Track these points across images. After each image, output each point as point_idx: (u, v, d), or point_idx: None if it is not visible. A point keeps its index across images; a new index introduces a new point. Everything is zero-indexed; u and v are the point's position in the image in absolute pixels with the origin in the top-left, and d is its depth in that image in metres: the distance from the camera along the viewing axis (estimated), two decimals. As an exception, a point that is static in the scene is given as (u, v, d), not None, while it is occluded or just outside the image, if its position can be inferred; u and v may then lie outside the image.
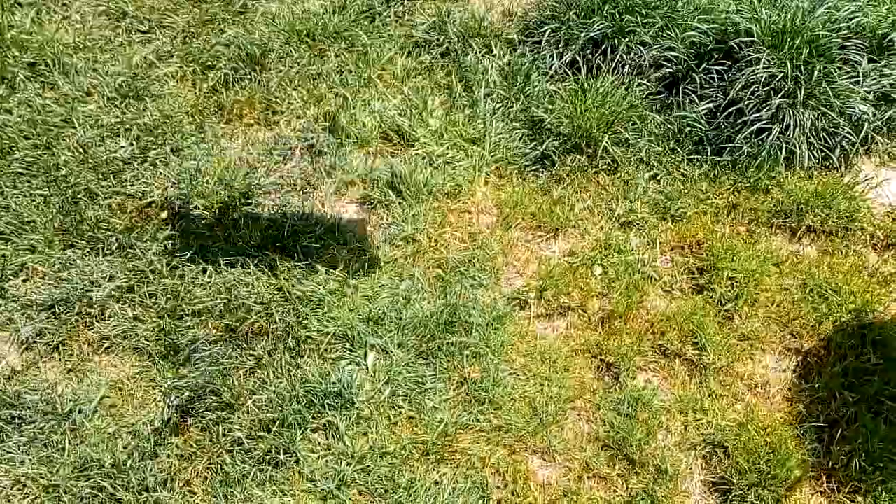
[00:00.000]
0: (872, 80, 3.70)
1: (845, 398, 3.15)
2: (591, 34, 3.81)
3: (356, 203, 3.57)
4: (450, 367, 3.17)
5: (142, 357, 3.15)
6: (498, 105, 3.81)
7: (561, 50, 3.86)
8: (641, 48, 3.77)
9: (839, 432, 3.09)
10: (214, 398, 3.03)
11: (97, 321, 3.20)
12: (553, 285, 3.37)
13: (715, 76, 3.71)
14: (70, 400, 3.03)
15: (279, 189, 3.57)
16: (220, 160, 3.61)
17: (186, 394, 3.04)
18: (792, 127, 3.62)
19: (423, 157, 3.67)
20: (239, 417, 3.01)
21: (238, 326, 3.19)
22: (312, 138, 3.69)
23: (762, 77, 3.60)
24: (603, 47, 3.81)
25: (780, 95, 3.60)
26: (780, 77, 3.60)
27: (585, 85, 3.77)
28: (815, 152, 3.67)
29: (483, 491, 2.96)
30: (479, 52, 3.96)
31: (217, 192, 3.50)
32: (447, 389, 3.13)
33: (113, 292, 3.25)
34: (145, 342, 3.17)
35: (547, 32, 3.90)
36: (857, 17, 3.72)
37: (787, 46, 3.61)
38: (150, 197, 3.50)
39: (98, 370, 3.13)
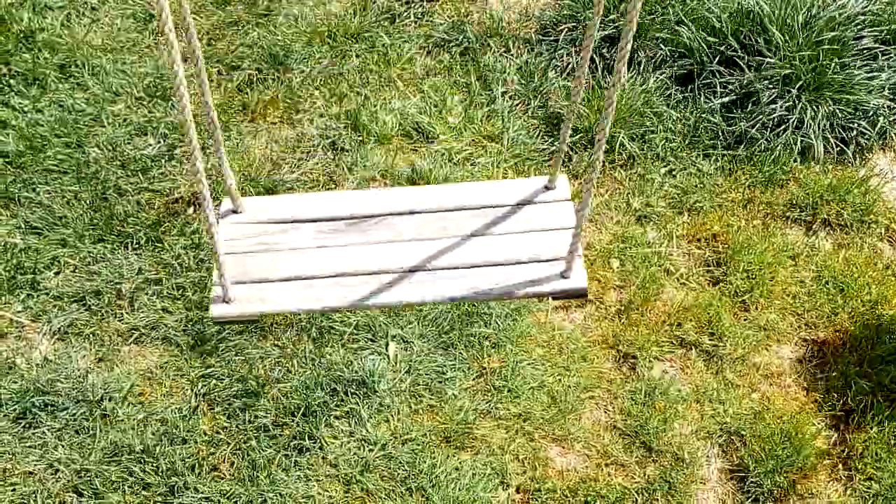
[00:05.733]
0: (887, 74, 3.74)
1: (861, 386, 3.19)
2: (607, 31, 3.88)
3: (377, 198, 3.65)
4: (469, 356, 3.24)
5: (170, 347, 3.24)
6: (516, 102, 3.88)
7: (577, 48, 3.93)
8: (657, 43, 3.83)
9: (855, 420, 3.12)
10: (240, 386, 3.11)
11: (126, 312, 3.30)
12: (571, 277, 3.42)
13: (730, 71, 3.76)
14: (101, 388, 3.12)
15: (303, 185, 3.65)
16: (245, 157, 3.70)
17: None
18: (807, 121, 3.66)
19: (443, 154, 3.74)
20: (264, 405, 3.09)
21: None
22: (335, 136, 3.78)
23: (777, 71, 3.65)
24: (618, 44, 3.87)
25: (795, 89, 3.65)
26: (795, 71, 3.65)
27: (602, 81, 3.83)
28: (830, 146, 3.71)
29: (502, 477, 3.02)
30: (498, 52, 4.04)
31: (242, 188, 3.59)
32: (467, 378, 3.20)
33: (142, 285, 3.35)
34: (173, 333, 3.26)
35: (563, 31, 3.96)
36: (871, 9, 3.76)
37: (802, 39, 3.66)
38: (178, 193, 3.59)
39: (127, 360, 3.22)
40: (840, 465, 3.07)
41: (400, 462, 3.01)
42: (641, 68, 3.84)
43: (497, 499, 2.99)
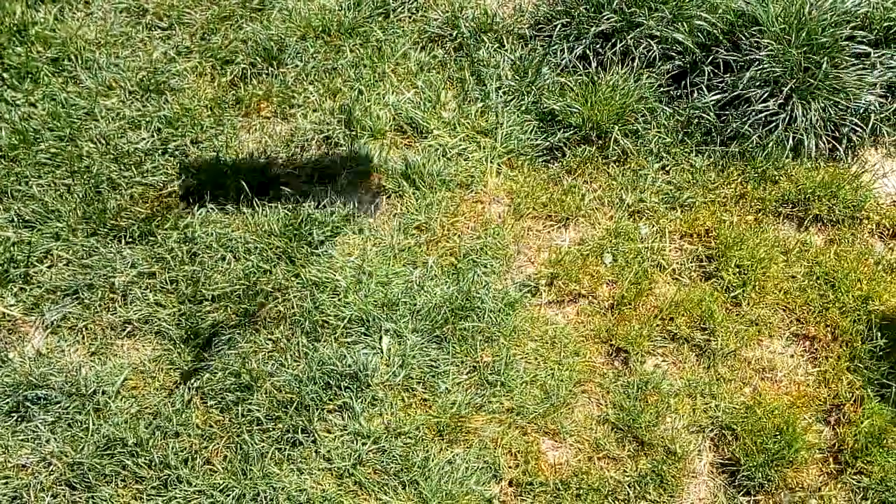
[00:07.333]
0: (880, 71, 3.75)
1: (852, 381, 3.21)
2: (601, 28, 3.88)
3: (371, 193, 3.66)
4: (462, 351, 3.25)
5: (163, 341, 3.24)
6: (510, 98, 3.89)
7: (571, 44, 3.93)
8: (650, 41, 3.84)
9: (846, 415, 3.14)
10: (234, 380, 3.12)
11: (119, 306, 3.30)
12: (563, 273, 3.44)
13: (723, 68, 3.77)
14: (93, 382, 3.12)
15: (296, 179, 3.66)
16: (239, 152, 3.70)
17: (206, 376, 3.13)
18: (799, 118, 3.67)
19: (437, 149, 3.75)
20: (258, 398, 3.09)
21: (257, 311, 3.28)
22: (328, 130, 3.78)
23: (770, 68, 3.67)
24: (612, 40, 3.88)
25: (787, 86, 3.66)
26: (787, 68, 3.66)
27: (596, 78, 3.84)
28: (822, 143, 3.72)
29: (495, 470, 3.04)
30: (492, 47, 4.04)
31: (235, 182, 3.59)
32: (460, 373, 3.21)
33: (135, 278, 3.35)
34: (166, 326, 3.26)
35: (558, 27, 3.97)
36: (863, 8, 3.78)
37: (794, 37, 3.67)
38: (171, 187, 3.59)
39: (120, 353, 3.22)
40: (831, 459, 3.09)
41: (393, 456, 3.02)
42: (635, 65, 3.85)
43: (489, 492, 3.00)
